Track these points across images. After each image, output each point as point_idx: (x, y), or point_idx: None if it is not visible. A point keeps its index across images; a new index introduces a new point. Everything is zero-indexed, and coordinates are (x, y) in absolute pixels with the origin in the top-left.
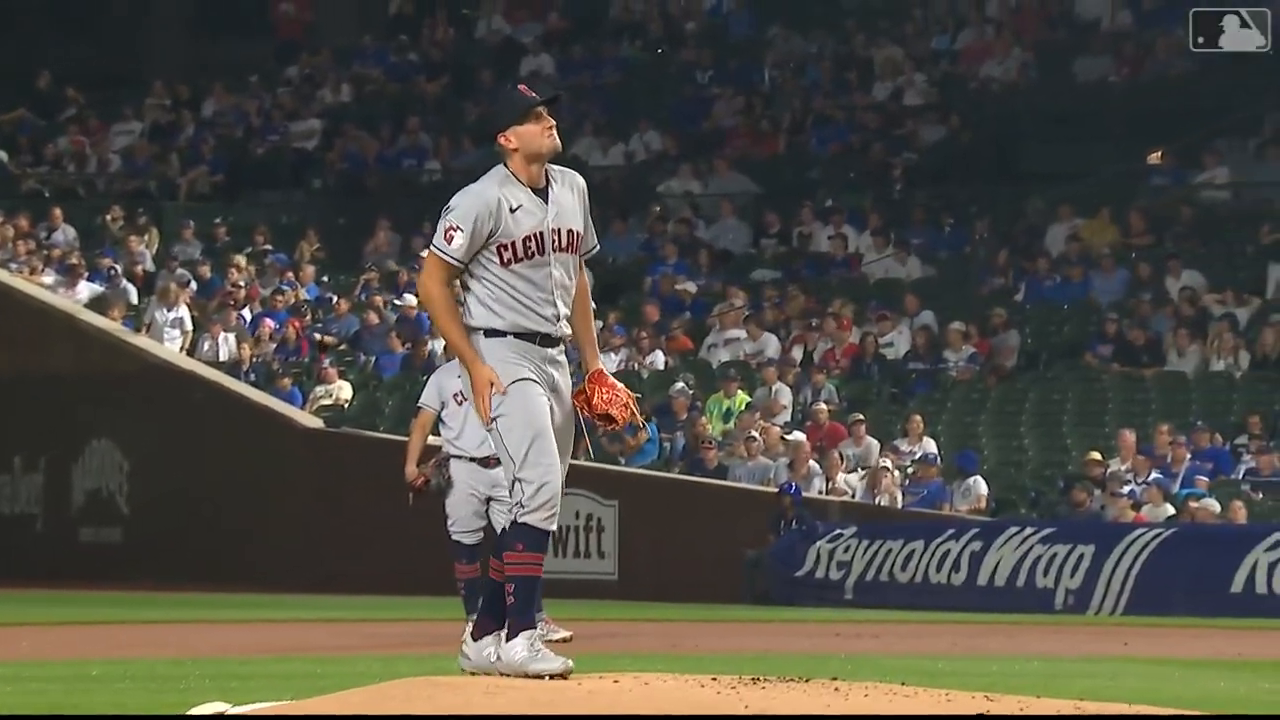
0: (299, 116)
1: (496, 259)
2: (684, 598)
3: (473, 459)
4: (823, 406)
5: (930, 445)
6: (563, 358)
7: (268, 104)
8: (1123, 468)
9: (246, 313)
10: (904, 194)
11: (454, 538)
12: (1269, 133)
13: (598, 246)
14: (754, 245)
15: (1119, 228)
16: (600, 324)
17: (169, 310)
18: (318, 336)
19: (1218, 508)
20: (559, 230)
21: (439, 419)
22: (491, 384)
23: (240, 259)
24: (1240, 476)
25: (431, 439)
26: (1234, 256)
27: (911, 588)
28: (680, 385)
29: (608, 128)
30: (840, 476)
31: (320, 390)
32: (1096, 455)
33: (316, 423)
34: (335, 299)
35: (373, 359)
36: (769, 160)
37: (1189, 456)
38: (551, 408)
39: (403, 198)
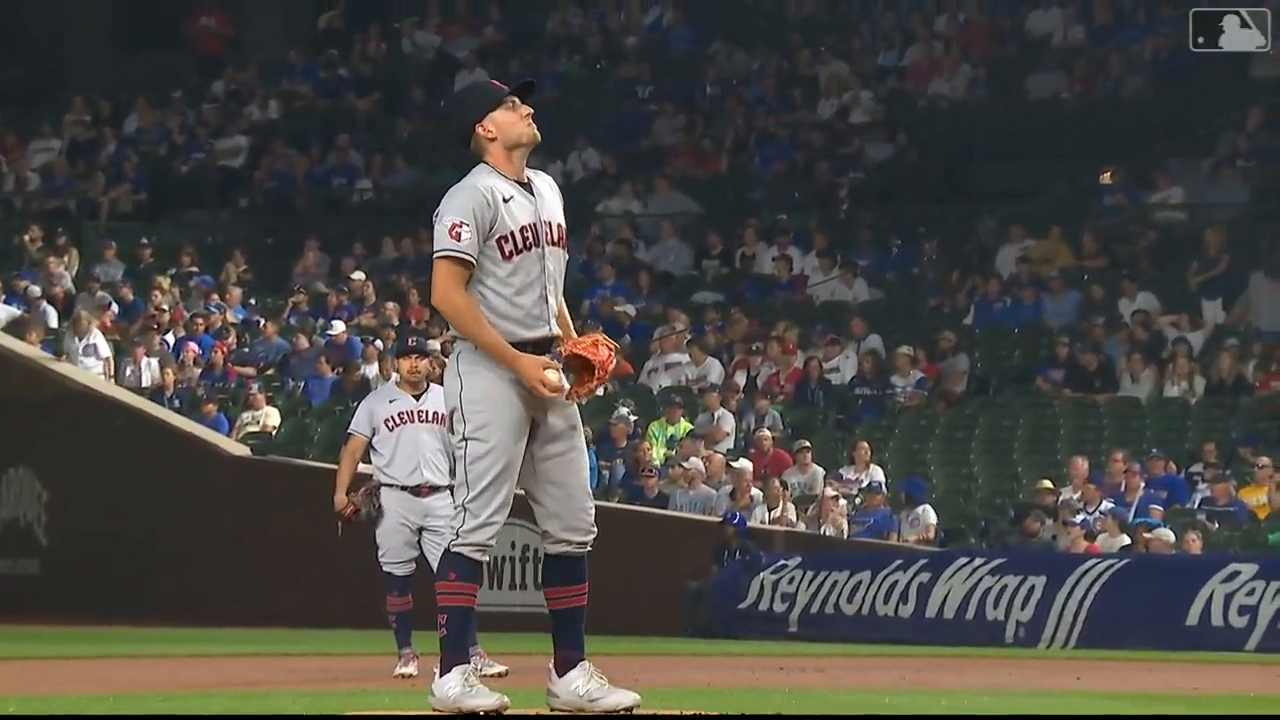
0: (225, 133)
1: (498, 252)
2: (624, 630)
3: (404, 487)
4: (766, 433)
5: (877, 473)
6: (557, 361)
7: (192, 120)
8: (1075, 496)
9: (170, 337)
10: (850, 214)
11: (385, 569)
12: (1223, 152)
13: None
14: (696, 267)
15: (1071, 249)
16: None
17: (80, 339)
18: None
19: (1172, 538)
20: (549, 223)
21: (370, 446)
22: (546, 368)
23: (164, 281)
24: (1195, 506)
25: (362, 467)
26: (1189, 279)
27: (858, 620)
28: (622, 411)
29: (544, 145)
30: (784, 505)
31: (247, 416)
32: (1048, 484)
33: (243, 450)
34: (263, 322)
35: (301, 384)
36: (711, 179)
37: (1143, 485)
38: (541, 424)
39: (332, 217)
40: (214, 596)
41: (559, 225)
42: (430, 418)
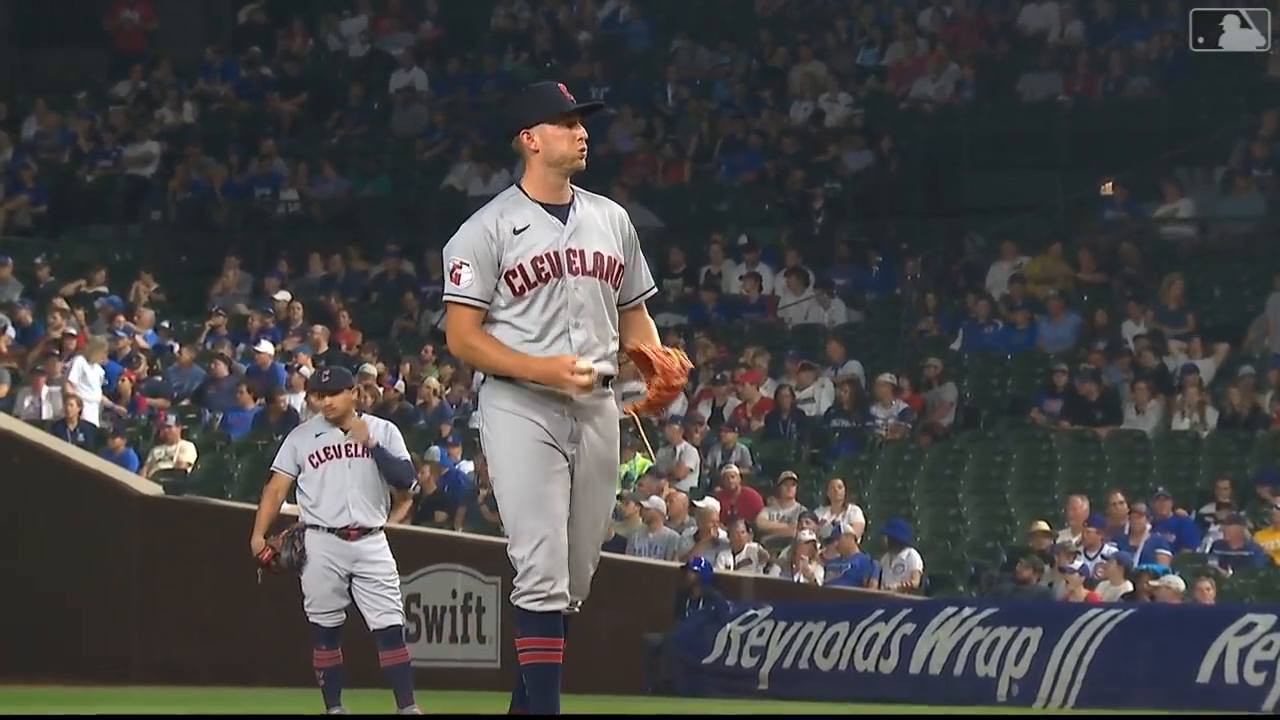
0: (135, 139)
1: (509, 289)
2: (577, 687)
3: (330, 529)
4: (734, 470)
5: (856, 514)
6: (596, 401)
7: (99, 124)
8: (1073, 540)
9: (89, 364)
10: (826, 228)
11: (311, 619)
12: (1236, 160)
13: (653, 289)
14: (656, 286)
15: (1069, 267)
16: (481, 378)
17: None
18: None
19: (1181, 586)
20: (579, 251)
21: (295, 485)
22: (572, 367)
23: (65, 302)
24: (1207, 550)
25: (288, 507)
26: (1199, 300)
27: (835, 676)
28: None
29: (488, 152)
30: (752, 547)
31: (159, 452)
32: (1044, 526)
33: (155, 489)
34: (177, 348)
35: (220, 416)
36: (673, 190)
37: (1149, 527)
38: (573, 466)
39: (255, 232)
40: (121, 651)
41: (597, 254)
42: (361, 451)
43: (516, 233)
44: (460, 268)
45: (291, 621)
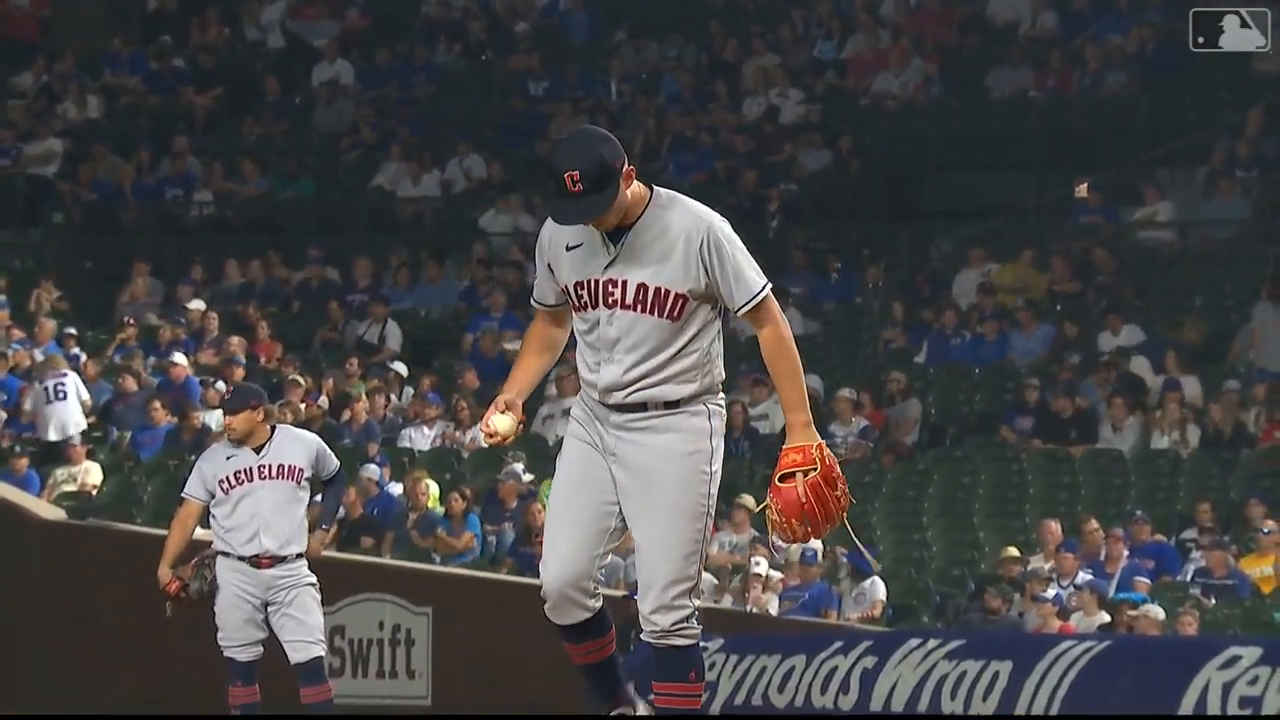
0: (35, 136)
1: (571, 305)
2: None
3: (241, 558)
4: None
5: (813, 540)
6: (642, 423)
7: None
8: (1046, 567)
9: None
10: (781, 233)
11: (226, 654)
12: (1219, 160)
13: (756, 298)
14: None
15: (1041, 274)
16: (411, 391)
17: None
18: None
19: (1161, 615)
20: (620, 282)
21: (207, 511)
22: (498, 407)
23: None
24: (1188, 578)
25: (201, 533)
26: (1180, 310)
27: (791, 712)
28: (514, 468)
29: (419, 150)
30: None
31: (62, 473)
32: (1014, 551)
33: (58, 514)
34: (82, 360)
35: (128, 434)
36: None
37: (1126, 553)
38: (613, 477)
39: (166, 236)
40: (20, 686)
41: (641, 286)
42: (276, 473)
43: (569, 249)
44: (537, 266)
45: (206, 656)
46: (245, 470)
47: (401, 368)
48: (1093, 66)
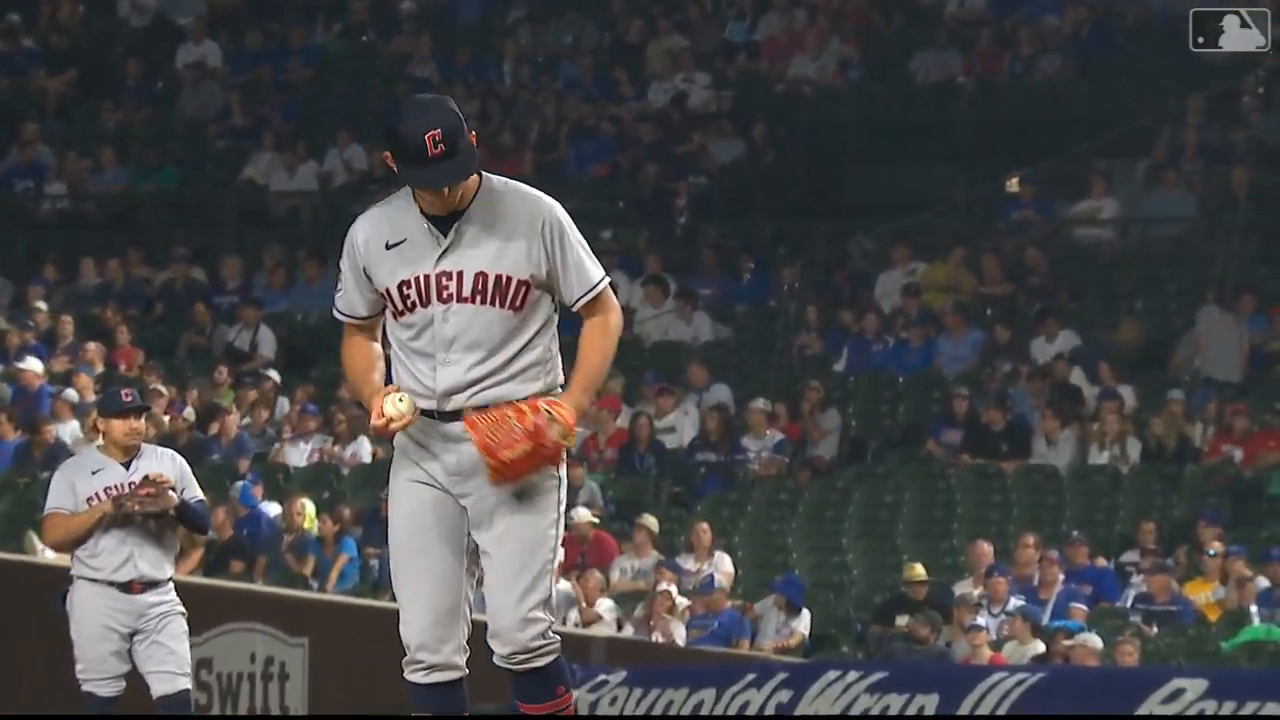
0: None
1: (393, 310)
2: None
3: (112, 583)
4: (584, 512)
5: (724, 562)
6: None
7: None
8: (975, 592)
9: None
10: (689, 230)
11: (85, 689)
12: (1163, 153)
13: (594, 289)
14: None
15: (971, 275)
16: (286, 402)
17: None
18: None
19: (1100, 645)
20: (454, 273)
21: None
22: (386, 395)
23: None
24: (1129, 604)
25: (55, 558)
26: (1120, 314)
27: None
28: None
29: (294, 140)
30: (604, 602)
31: None
32: (920, 571)
33: None
34: None
35: None
36: None
37: (1062, 578)
38: (459, 509)
39: (15, 231)
40: None
41: (479, 275)
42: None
43: (390, 247)
44: (341, 278)
45: (57, 691)
46: (116, 486)
47: (275, 376)
48: (1025, 49)
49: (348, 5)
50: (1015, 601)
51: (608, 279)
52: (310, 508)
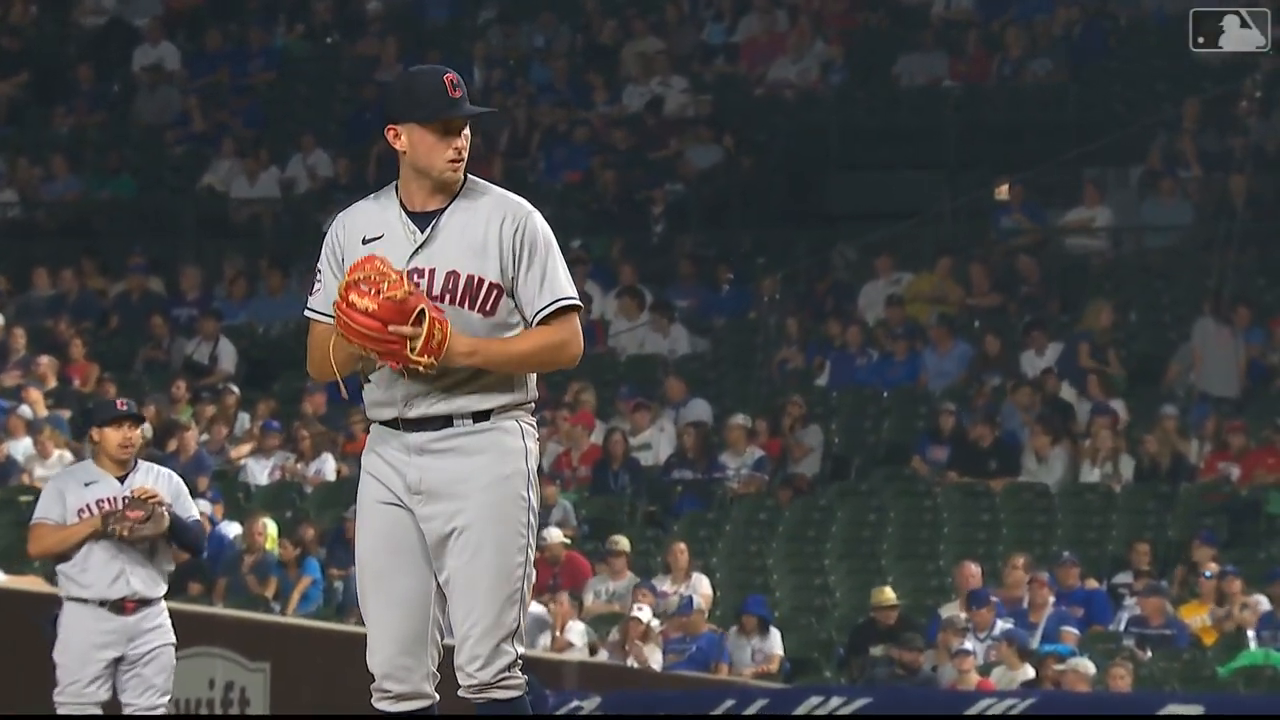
0: None
1: None
2: None
3: (102, 602)
4: (555, 532)
5: (702, 584)
6: (446, 444)
7: None
8: (962, 615)
9: None
10: (665, 239)
11: (60, 711)
12: (1158, 159)
13: (555, 304)
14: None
15: (958, 286)
16: (248, 417)
17: None
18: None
19: (1092, 670)
20: (426, 270)
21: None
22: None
23: None
24: (1122, 627)
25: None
26: (1113, 327)
27: None
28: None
29: (255, 146)
30: (577, 626)
31: None
32: (889, 595)
33: None
34: None
35: None
36: None
37: (1052, 600)
38: (422, 534)
39: None
40: None
41: (451, 274)
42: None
43: (367, 242)
44: (318, 277)
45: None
46: (109, 500)
47: (236, 391)
48: (1014, 52)
49: (311, 5)
50: (1003, 624)
51: (580, 306)
52: (272, 527)
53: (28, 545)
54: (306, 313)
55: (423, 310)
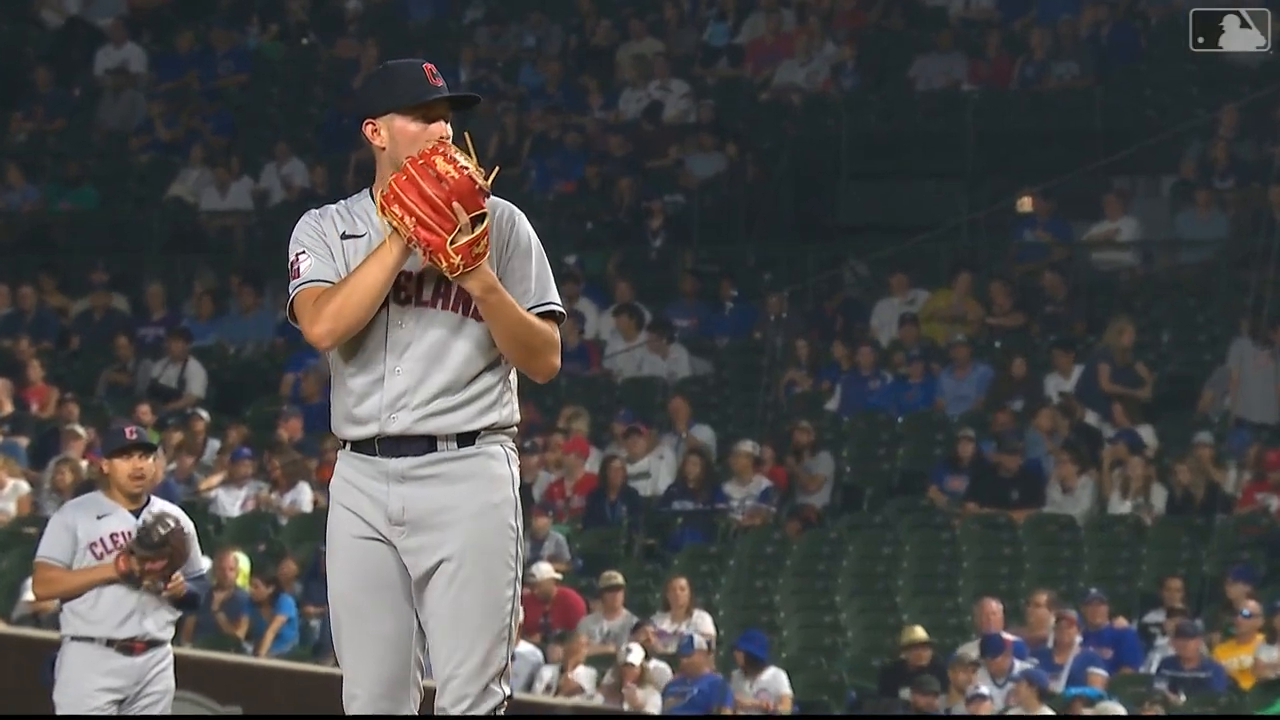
0: None
1: None
2: None
3: (111, 642)
4: (547, 566)
5: (704, 622)
6: (430, 470)
7: None
8: (976, 655)
9: None
10: (665, 254)
11: None
12: (1192, 169)
13: (550, 305)
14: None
15: (977, 304)
16: (219, 444)
17: None
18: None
19: (1122, 713)
20: (415, 275)
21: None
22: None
23: None
24: (1153, 669)
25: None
26: (1143, 349)
27: None
28: None
29: (226, 154)
30: (585, 672)
31: None
32: (920, 634)
33: None
34: None
35: None
36: None
37: (1079, 640)
38: (403, 568)
39: None
40: None
41: (440, 279)
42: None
43: (346, 238)
44: (299, 257)
45: None
46: (124, 534)
47: (205, 416)
48: (1038, 54)
49: (285, 5)
50: (1025, 664)
51: (565, 315)
52: (244, 562)
53: (33, 586)
54: (295, 289)
55: (484, 214)
